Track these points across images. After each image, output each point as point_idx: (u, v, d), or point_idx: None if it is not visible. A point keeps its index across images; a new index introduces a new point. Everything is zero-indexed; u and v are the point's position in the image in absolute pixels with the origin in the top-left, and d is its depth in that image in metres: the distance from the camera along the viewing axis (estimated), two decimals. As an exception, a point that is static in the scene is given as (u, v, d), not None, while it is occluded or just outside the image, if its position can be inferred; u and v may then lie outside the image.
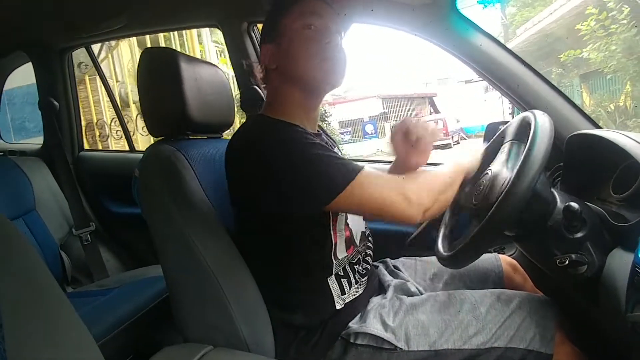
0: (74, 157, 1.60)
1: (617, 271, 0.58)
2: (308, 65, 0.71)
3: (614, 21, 4.49)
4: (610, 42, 4.67)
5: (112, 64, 3.72)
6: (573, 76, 5.98)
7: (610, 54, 4.74)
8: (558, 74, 5.90)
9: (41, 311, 0.46)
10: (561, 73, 5.93)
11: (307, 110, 0.76)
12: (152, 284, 1.15)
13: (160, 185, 0.71)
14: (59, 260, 1.30)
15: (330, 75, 0.73)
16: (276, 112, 0.73)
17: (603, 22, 4.59)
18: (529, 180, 0.57)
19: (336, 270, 0.71)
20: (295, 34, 0.72)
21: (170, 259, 0.74)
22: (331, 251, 0.70)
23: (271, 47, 0.74)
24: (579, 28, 4.90)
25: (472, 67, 0.98)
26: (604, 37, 4.65)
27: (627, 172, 0.68)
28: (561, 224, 0.64)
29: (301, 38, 0.72)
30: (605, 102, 5.42)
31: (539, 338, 0.65)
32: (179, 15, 1.25)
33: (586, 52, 4.98)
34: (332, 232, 0.69)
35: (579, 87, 6.03)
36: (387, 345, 0.66)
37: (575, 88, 6.02)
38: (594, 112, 5.34)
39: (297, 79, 0.73)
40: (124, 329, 0.99)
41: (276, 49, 0.73)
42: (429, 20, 0.96)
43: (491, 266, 0.86)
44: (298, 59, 0.72)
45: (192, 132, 0.82)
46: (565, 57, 5.29)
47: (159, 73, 0.77)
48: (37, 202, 1.30)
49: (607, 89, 5.56)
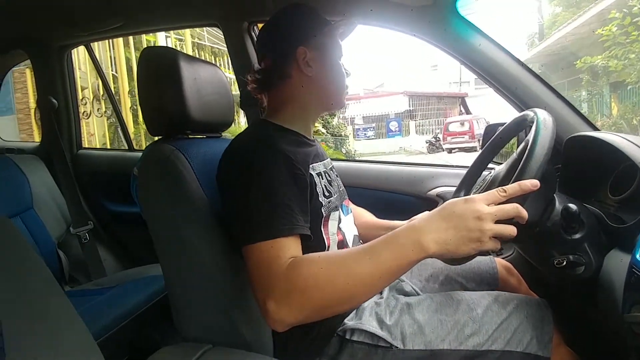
0: (73, 155, 1.60)
1: (614, 272, 0.58)
2: (340, 81, 0.77)
3: (637, 27, 4.16)
4: (630, 50, 4.31)
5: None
6: (603, 84, 5.55)
7: (630, 62, 4.43)
8: (588, 82, 5.42)
9: (40, 310, 0.46)
10: (589, 80, 5.40)
11: (311, 121, 0.80)
12: (150, 283, 1.15)
13: (159, 184, 0.71)
14: (56, 259, 1.30)
15: (345, 96, 0.80)
16: (282, 119, 0.74)
17: (627, 28, 4.22)
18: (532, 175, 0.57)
19: None
20: (334, 48, 0.77)
21: (169, 258, 0.74)
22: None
23: (310, 52, 0.72)
24: (600, 32, 4.57)
25: (471, 69, 0.99)
26: (628, 45, 4.30)
27: (625, 174, 0.68)
28: (559, 225, 0.65)
29: (338, 54, 0.78)
30: (628, 114, 4.96)
31: (536, 342, 0.65)
32: (178, 14, 1.25)
33: (601, 60, 4.60)
34: (324, 236, 0.70)
35: (609, 97, 5.58)
36: (383, 343, 0.67)
37: (605, 97, 5.60)
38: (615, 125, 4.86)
39: (328, 91, 0.76)
40: (122, 328, 0.99)
41: (316, 56, 0.73)
42: (428, 21, 0.97)
43: (486, 267, 0.87)
44: (335, 74, 0.76)
45: (191, 132, 0.82)
46: (581, 64, 4.88)
47: (159, 72, 0.77)
48: (35, 201, 1.30)
49: (631, 100, 5.16)
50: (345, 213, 0.80)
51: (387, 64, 23.52)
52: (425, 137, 12.65)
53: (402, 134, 13.91)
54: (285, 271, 0.53)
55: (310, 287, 0.51)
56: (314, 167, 0.72)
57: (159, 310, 1.08)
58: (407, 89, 15.10)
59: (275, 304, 0.51)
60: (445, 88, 16.67)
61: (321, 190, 0.70)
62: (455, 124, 11.26)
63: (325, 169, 0.77)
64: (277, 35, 0.76)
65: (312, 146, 0.77)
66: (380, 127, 14.34)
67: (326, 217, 0.71)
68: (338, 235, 0.74)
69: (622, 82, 5.01)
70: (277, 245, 0.55)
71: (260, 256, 0.55)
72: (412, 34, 1.01)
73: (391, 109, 14.33)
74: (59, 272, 1.29)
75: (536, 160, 0.58)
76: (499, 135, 0.84)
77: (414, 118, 14.26)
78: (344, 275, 0.51)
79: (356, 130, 14.06)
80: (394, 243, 0.51)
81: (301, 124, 0.77)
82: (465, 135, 10.77)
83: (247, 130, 0.75)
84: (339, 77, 0.77)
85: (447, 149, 10.87)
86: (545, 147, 0.59)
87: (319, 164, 0.75)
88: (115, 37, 2.32)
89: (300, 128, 0.76)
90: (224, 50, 4.89)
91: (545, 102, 0.91)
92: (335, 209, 0.74)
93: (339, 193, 0.79)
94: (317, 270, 0.52)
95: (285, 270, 0.53)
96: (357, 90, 16.79)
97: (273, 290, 0.52)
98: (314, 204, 0.67)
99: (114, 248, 1.57)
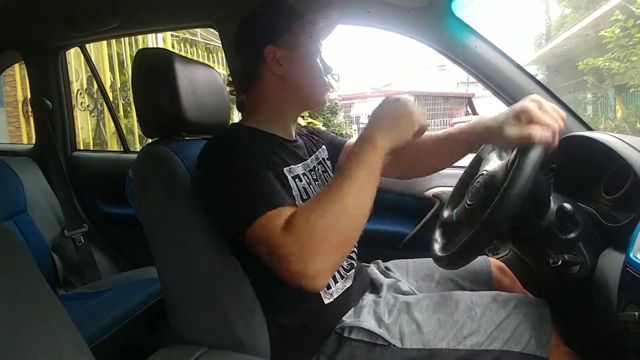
0: (67, 157, 1.59)
1: (609, 271, 0.58)
2: (315, 79, 0.73)
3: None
4: (633, 52, 4.26)
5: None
6: (608, 87, 5.47)
7: (632, 64, 4.35)
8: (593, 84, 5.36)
9: (33, 314, 0.46)
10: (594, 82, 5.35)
11: (291, 121, 0.77)
12: (146, 286, 1.14)
13: (155, 186, 0.71)
14: (50, 262, 1.28)
15: (325, 93, 0.76)
16: (258, 121, 0.73)
17: (629, 30, 4.14)
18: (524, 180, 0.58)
19: None
20: (307, 45, 0.73)
21: (165, 261, 0.73)
22: None
23: (279, 51, 0.70)
24: (603, 34, 4.47)
25: (467, 70, 1.00)
26: (631, 47, 4.24)
27: (619, 174, 0.69)
28: (554, 225, 0.65)
29: (313, 50, 0.74)
30: (631, 117, 4.91)
31: (534, 342, 0.65)
32: (174, 15, 1.25)
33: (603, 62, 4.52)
34: None
35: (614, 99, 5.52)
36: (381, 341, 0.66)
37: (610, 100, 5.54)
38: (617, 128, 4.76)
39: (303, 90, 0.73)
40: (118, 331, 0.98)
41: (287, 54, 0.70)
42: (425, 22, 0.97)
43: (481, 267, 0.87)
44: (309, 72, 0.73)
45: (187, 133, 0.82)
46: (584, 65, 4.79)
47: (154, 74, 0.76)
48: (28, 203, 1.28)
49: (635, 103, 5.10)
50: None
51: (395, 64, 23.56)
52: (431, 138, 12.61)
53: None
54: (283, 233, 0.53)
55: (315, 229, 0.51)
56: (292, 169, 0.71)
57: (155, 312, 1.08)
58: (413, 89, 15.10)
59: (301, 264, 0.51)
60: (453, 88, 16.69)
61: (298, 194, 0.69)
62: (460, 124, 11.25)
63: (305, 170, 0.74)
64: (246, 35, 0.73)
65: (292, 147, 0.75)
66: (387, 127, 14.28)
67: None
68: None
69: (625, 85, 4.97)
70: (273, 214, 0.55)
71: (262, 231, 0.55)
72: (409, 36, 1.01)
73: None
74: (54, 276, 1.28)
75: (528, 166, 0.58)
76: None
77: (419, 118, 14.22)
78: (332, 201, 0.53)
79: (361, 129, 14.05)
80: (354, 153, 0.57)
81: (279, 124, 0.75)
82: (469, 136, 10.75)
83: (220, 133, 0.72)
84: (313, 74, 0.73)
85: (452, 149, 10.81)
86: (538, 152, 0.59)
87: (298, 166, 0.73)
88: (112, 37, 2.30)
89: (278, 129, 0.74)
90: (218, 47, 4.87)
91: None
92: None
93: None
94: (309, 213, 0.53)
95: (284, 232, 0.53)
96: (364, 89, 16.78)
97: (289, 254, 0.52)
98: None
99: (109, 250, 1.55)
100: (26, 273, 0.49)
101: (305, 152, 0.79)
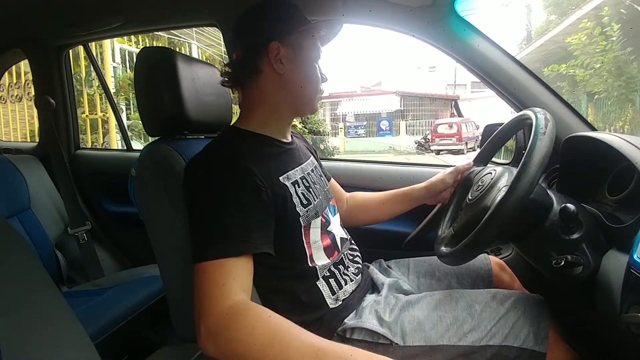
0: (71, 155, 1.60)
1: (612, 272, 0.58)
2: (312, 85, 0.74)
3: (606, 38, 4.17)
4: (595, 60, 4.36)
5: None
6: (580, 93, 5.55)
7: (595, 72, 4.43)
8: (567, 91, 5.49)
9: (37, 310, 0.46)
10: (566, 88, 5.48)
11: (286, 124, 0.77)
12: (148, 284, 1.15)
13: (157, 184, 0.71)
14: (54, 260, 1.29)
15: (319, 102, 0.78)
16: (253, 123, 0.72)
17: (596, 38, 4.24)
18: (528, 182, 0.57)
19: (322, 274, 0.71)
20: (310, 50, 0.73)
21: (167, 259, 0.73)
22: (307, 262, 0.69)
23: (283, 49, 0.69)
24: (569, 41, 4.59)
25: (469, 69, 0.99)
26: (597, 55, 4.33)
27: (623, 174, 0.68)
28: (557, 225, 0.65)
29: (314, 56, 0.74)
30: (598, 123, 5.03)
31: (532, 337, 0.65)
32: (177, 13, 1.25)
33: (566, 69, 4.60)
34: (305, 245, 0.69)
35: (586, 106, 5.62)
36: (383, 340, 0.67)
37: (582, 106, 5.61)
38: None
39: (299, 94, 0.73)
40: (120, 329, 0.99)
41: (290, 54, 0.70)
42: (427, 21, 0.97)
43: (481, 264, 0.88)
44: (308, 76, 0.73)
45: (189, 132, 0.82)
46: (549, 72, 4.81)
47: (157, 72, 0.76)
48: (32, 201, 1.29)
49: (602, 109, 5.20)
50: (333, 214, 0.79)
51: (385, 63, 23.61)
52: (415, 138, 12.59)
53: (393, 134, 13.82)
54: (227, 311, 0.52)
55: (242, 341, 0.50)
56: (289, 175, 0.70)
57: (157, 310, 1.08)
58: (400, 89, 15.12)
59: (206, 333, 0.52)
60: (442, 90, 16.72)
61: (298, 200, 0.68)
62: (444, 125, 11.25)
63: (303, 173, 0.74)
64: (252, 26, 0.71)
65: (288, 150, 0.75)
66: (372, 125, 14.29)
67: (306, 227, 0.69)
68: (324, 240, 0.73)
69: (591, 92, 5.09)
70: (224, 269, 0.54)
71: (205, 278, 0.54)
72: (411, 34, 1.01)
73: (383, 108, 14.26)
74: (57, 273, 1.29)
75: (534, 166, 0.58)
76: (498, 135, 0.84)
77: (405, 118, 14.22)
78: (277, 350, 0.50)
79: (347, 127, 14.00)
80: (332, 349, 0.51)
81: (274, 126, 0.74)
82: (452, 138, 10.77)
83: (214, 141, 0.70)
84: (312, 80, 0.73)
85: (434, 150, 10.86)
86: (543, 154, 0.59)
87: (296, 170, 0.72)
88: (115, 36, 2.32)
89: (273, 131, 0.73)
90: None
91: (543, 102, 0.91)
92: (316, 215, 0.71)
93: (323, 194, 0.76)
94: (258, 330, 0.51)
95: (228, 311, 0.52)
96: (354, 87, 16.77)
97: (208, 320, 0.52)
98: (290, 215, 0.66)
99: (112, 248, 1.56)
100: (32, 270, 0.49)
101: (301, 155, 0.79)
